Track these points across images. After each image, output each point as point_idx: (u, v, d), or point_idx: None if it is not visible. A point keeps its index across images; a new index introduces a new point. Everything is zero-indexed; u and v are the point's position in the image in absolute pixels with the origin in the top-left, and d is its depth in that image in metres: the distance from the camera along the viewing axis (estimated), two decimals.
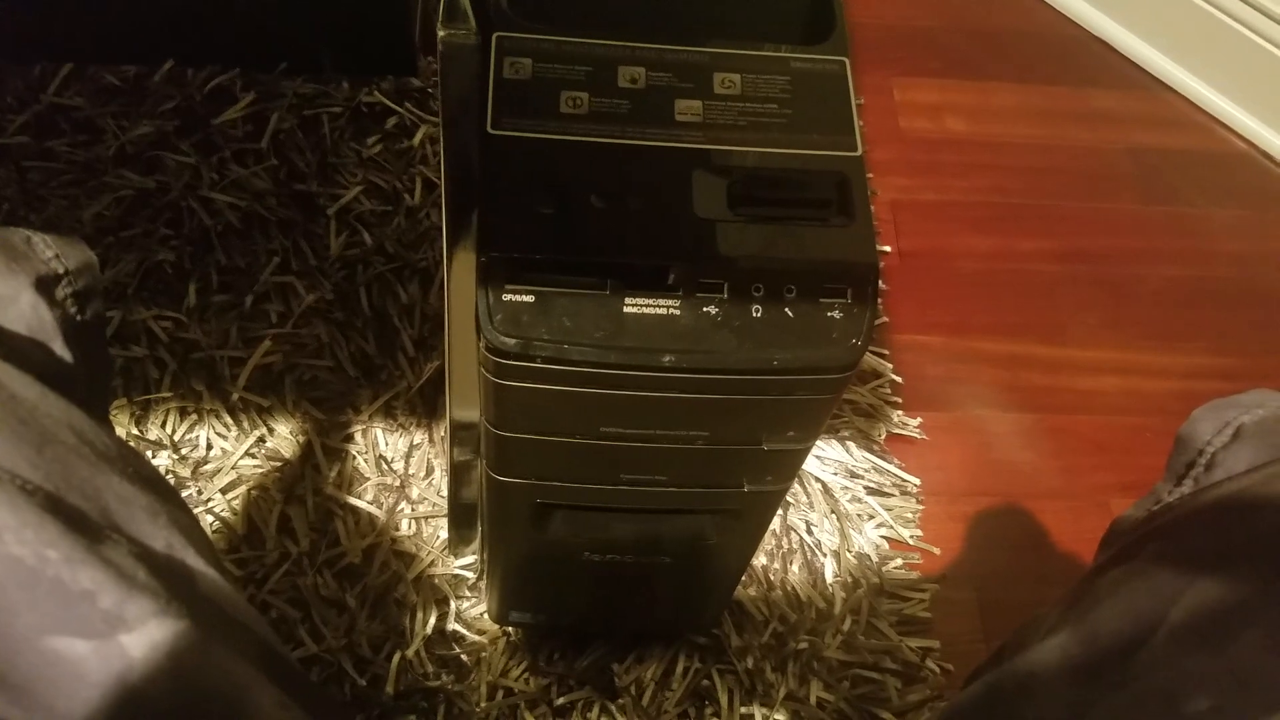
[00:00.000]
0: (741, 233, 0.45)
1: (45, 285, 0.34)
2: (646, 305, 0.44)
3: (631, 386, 0.46)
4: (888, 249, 0.99)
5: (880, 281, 0.45)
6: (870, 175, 1.03)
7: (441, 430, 0.82)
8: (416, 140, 0.95)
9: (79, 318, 0.36)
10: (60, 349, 0.34)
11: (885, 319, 0.94)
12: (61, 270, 0.36)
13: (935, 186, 1.05)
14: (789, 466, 0.55)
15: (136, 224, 0.88)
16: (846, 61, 0.51)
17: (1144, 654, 0.30)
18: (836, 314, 0.44)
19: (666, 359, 0.44)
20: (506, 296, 0.44)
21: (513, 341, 0.44)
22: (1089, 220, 1.06)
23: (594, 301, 0.44)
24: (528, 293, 0.44)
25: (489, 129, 0.47)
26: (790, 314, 0.44)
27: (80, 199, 0.89)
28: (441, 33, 0.51)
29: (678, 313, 0.44)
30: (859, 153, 0.48)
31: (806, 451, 0.54)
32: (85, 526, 0.26)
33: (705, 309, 0.44)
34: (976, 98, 1.12)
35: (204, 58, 0.97)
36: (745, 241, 0.45)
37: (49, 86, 0.94)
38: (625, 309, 0.44)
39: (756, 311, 0.44)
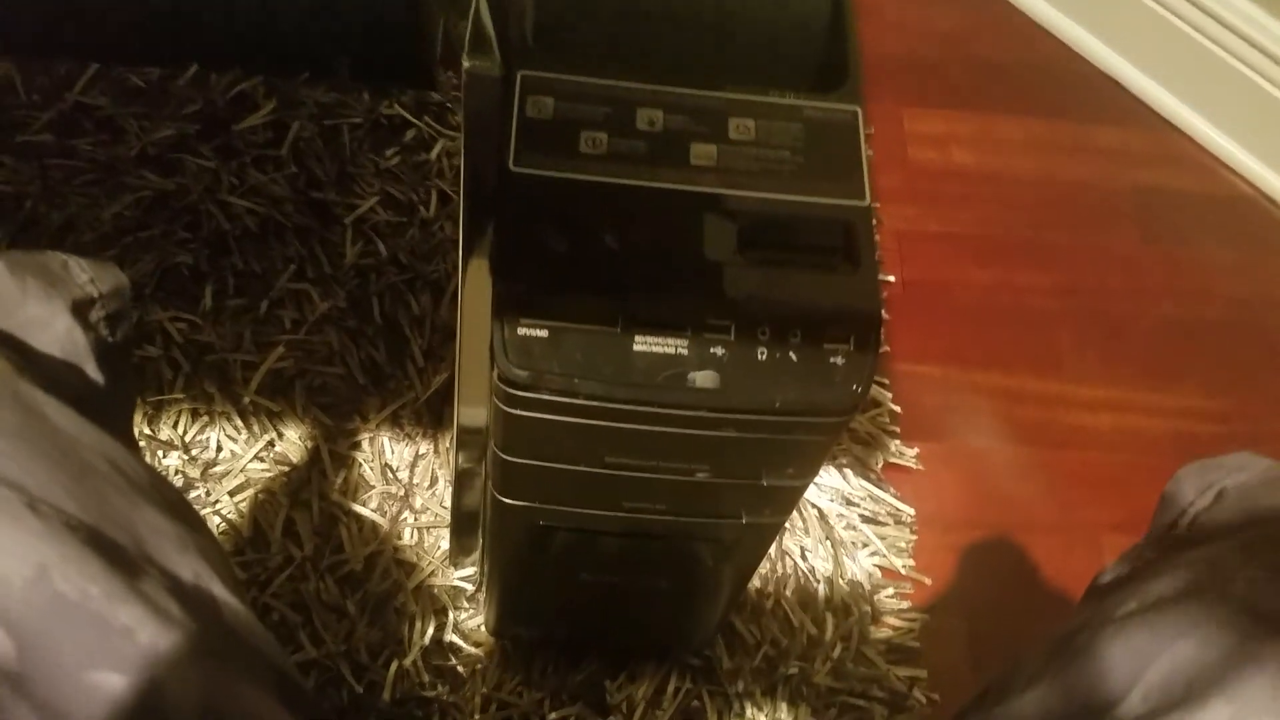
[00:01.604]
0: (749, 276, 0.47)
1: (80, 309, 0.36)
2: (655, 344, 0.46)
3: (637, 421, 0.48)
4: (891, 278, 1.01)
5: (883, 311, 0.47)
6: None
7: (446, 441, 0.84)
8: (434, 154, 0.97)
9: (110, 339, 0.37)
10: (93, 371, 0.36)
11: (886, 348, 0.96)
12: (95, 294, 0.37)
13: (939, 217, 1.06)
14: (787, 501, 0.57)
15: (155, 225, 0.90)
16: (859, 111, 0.52)
17: (1120, 713, 0.32)
18: (839, 360, 0.46)
19: (673, 396, 0.46)
20: (521, 330, 0.46)
21: (525, 374, 0.46)
22: (1089, 256, 1.07)
23: (605, 338, 0.46)
24: (541, 327, 0.46)
25: (511, 167, 0.49)
26: (794, 358, 0.46)
27: (101, 198, 0.91)
28: (466, 63, 0.53)
29: (685, 352, 0.46)
30: (867, 203, 0.50)
31: (804, 487, 0.55)
32: (123, 561, 0.27)
33: (712, 349, 0.46)
34: (983, 129, 1.13)
35: (228, 63, 0.99)
36: (753, 285, 0.47)
37: (74, 85, 0.95)
38: (635, 347, 0.46)
39: (761, 354, 0.46)
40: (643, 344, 0.46)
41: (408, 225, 0.92)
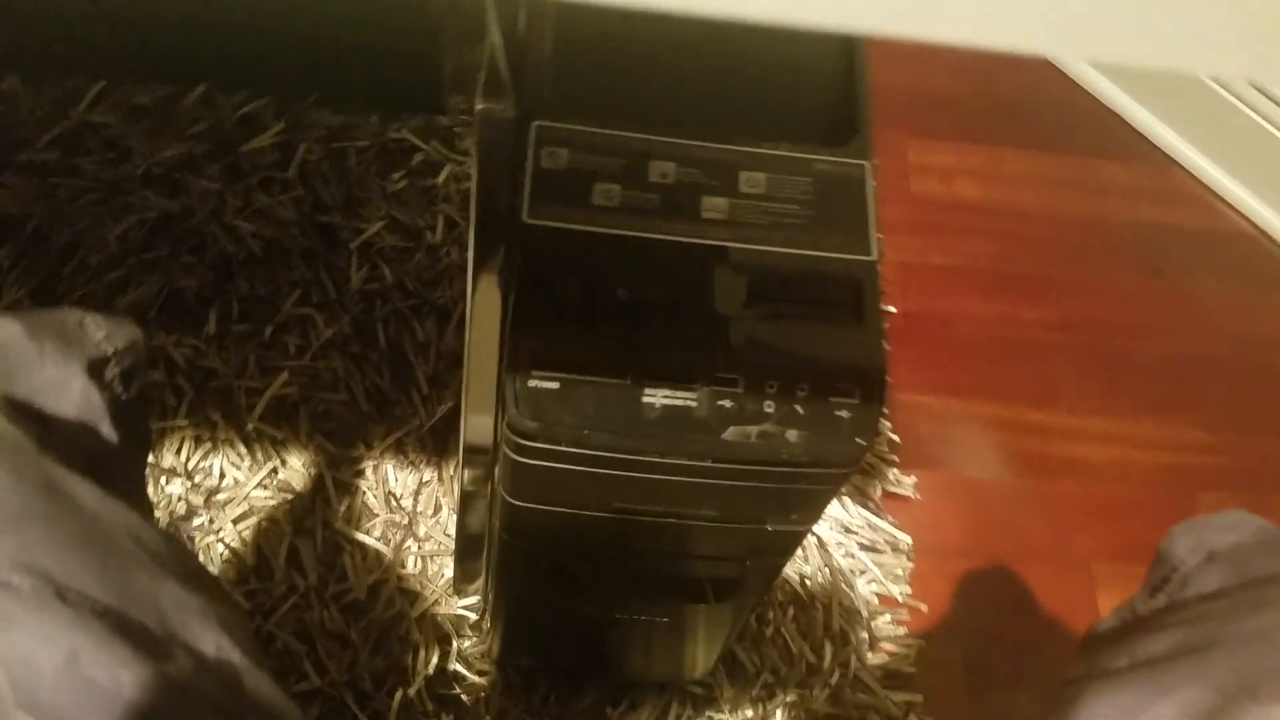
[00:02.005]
0: (758, 329, 0.47)
1: (95, 368, 0.36)
2: (665, 396, 0.46)
3: (646, 470, 0.48)
4: (893, 309, 1.01)
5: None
6: (880, 236, 1.05)
7: (451, 469, 0.84)
8: (441, 179, 0.97)
9: (124, 396, 0.38)
10: (107, 430, 0.36)
11: (887, 378, 0.97)
12: (110, 351, 0.38)
13: (943, 249, 1.07)
14: (790, 544, 0.57)
15: (160, 247, 0.90)
16: (867, 165, 0.53)
17: None
18: (844, 413, 0.46)
19: (682, 447, 0.47)
20: (533, 382, 0.46)
21: (536, 425, 0.46)
22: (1090, 291, 1.08)
23: (615, 390, 0.46)
24: (553, 379, 0.46)
25: (525, 218, 0.49)
26: (801, 410, 0.46)
27: (106, 218, 0.91)
28: (480, 105, 0.53)
29: (695, 404, 0.46)
30: (873, 258, 0.50)
31: (807, 531, 0.56)
32: (151, 642, 0.27)
33: (720, 402, 0.46)
34: (988, 163, 1.14)
35: (236, 83, 0.99)
36: (761, 338, 0.47)
37: (80, 102, 0.95)
38: (644, 399, 0.46)
39: (769, 406, 0.46)
40: (652, 396, 0.46)
41: (414, 250, 0.92)
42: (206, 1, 0.93)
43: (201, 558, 0.78)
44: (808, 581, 0.85)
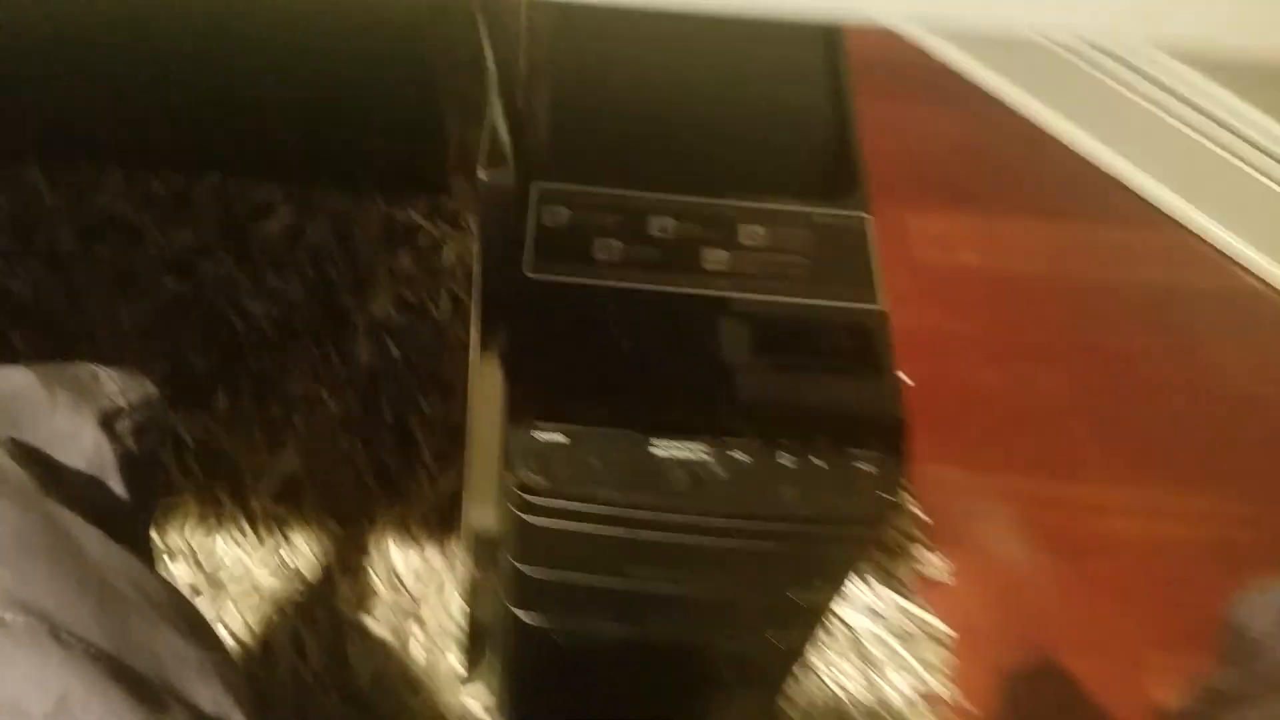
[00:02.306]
0: (769, 380, 0.47)
1: (108, 420, 0.36)
2: (675, 449, 0.45)
3: (659, 528, 0.47)
4: (905, 378, 1.00)
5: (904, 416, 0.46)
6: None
7: (456, 547, 0.82)
8: (446, 256, 0.98)
9: (135, 450, 0.37)
10: (117, 485, 0.35)
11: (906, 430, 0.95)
12: (124, 405, 0.37)
13: (949, 317, 1.07)
14: (813, 616, 0.55)
15: (172, 329, 0.91)
16: (867, 218, 0.53)
17: None
18: (866, 466, 0.45)
19: (693, 503, 0.45)
20: (537, 434, 0.45)
21: (541, 479, 0.45)
22: (1104, 355, 1.07)
23: (623, 443, 0.45)
24: (558, 431, 0.45)
25: (527, 273, 0.49)
26: (819, 464, 0.45)
27: (119, 302, 0.91)
28: (482, 174, 0.54)
29: (706, 457, 0.45)
30: (881, 307, 0.50)
31: (829, 601, 0.54)
32: (147, 693, 0.26)
33: (733, 454, 0.45)
34: (989, 230, 1.15)
35: (248, 170, 1.01)
36: (771, 389, 0.46)
37: (98, 191, 0.97)
38: (653, 451, 0.45)
39: (785, 460, 0.45)
40: (662, 449, 0.45)
41: (420, 326, 0.93)
42: (220, 93, 0.95)
43: None
44: (836, 669, 0.81)
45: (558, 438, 0.45)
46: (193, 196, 0.99)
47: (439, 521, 0.83)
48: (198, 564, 0.79)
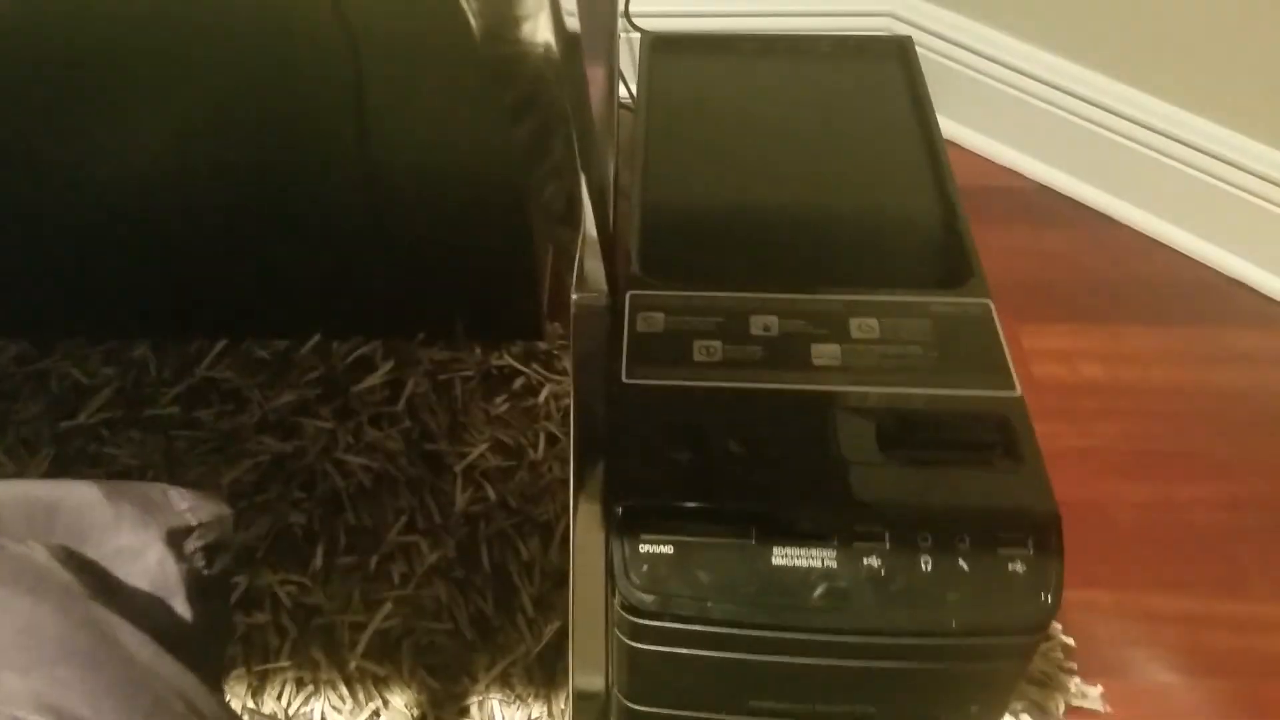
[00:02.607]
0: (898, 477, 0.42)
1: (175, 538, 0.34)
2: (798, 556, 0.41)
3: (783, 651, 0.42)
4: None
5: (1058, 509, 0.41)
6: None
7: (562, 702, 0.77)
8: (541, 398, 0.96)
9: (205, 571, 0.35)
10: (181, 606, 0.33)
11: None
12: (194, 522, 0.35)
13: (1078, 433, 0.99)
14: None
15: (271, 488, 0.90)
16: (990, 304, 0.49)
17: None
18: (1019, 566, 0.39)
19: (824, 618, 0.40)
20: (643, 548, 0.41)
21: (650, 598, 0.41)
22: (1251, 464, 0.98)
23: (738, 553, 0.41)
24: (666, 543, 0.41)
25: (623, 379, 0.46)
26: (965, 567, 0.40)
27: (220, 465, 0.92)
28: (575, 296, 0.52)
29: (834, 565, 0.41)
30: (1018, 393, 0.45)
31: None
32: None
33: (865, 560, 0.40)
34: (1109, 343, 1.08)
35: (349, 330, 1.03)
36: (903, 486, 0.42)
37: (203, 361, 1.00)
38: (774, 561, 0.41)
39: (925, 564, 0.40)
40: (783, 557, 0.41)
41: (517, 469, 0.90)
42: (318, 256, 0.98)
43: None
44: None
45: (665, 550, 0.41)
46: (294, 359, 1.01)
47: (541, 672, 0.77)
48: None
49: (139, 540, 0.32)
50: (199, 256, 0.97)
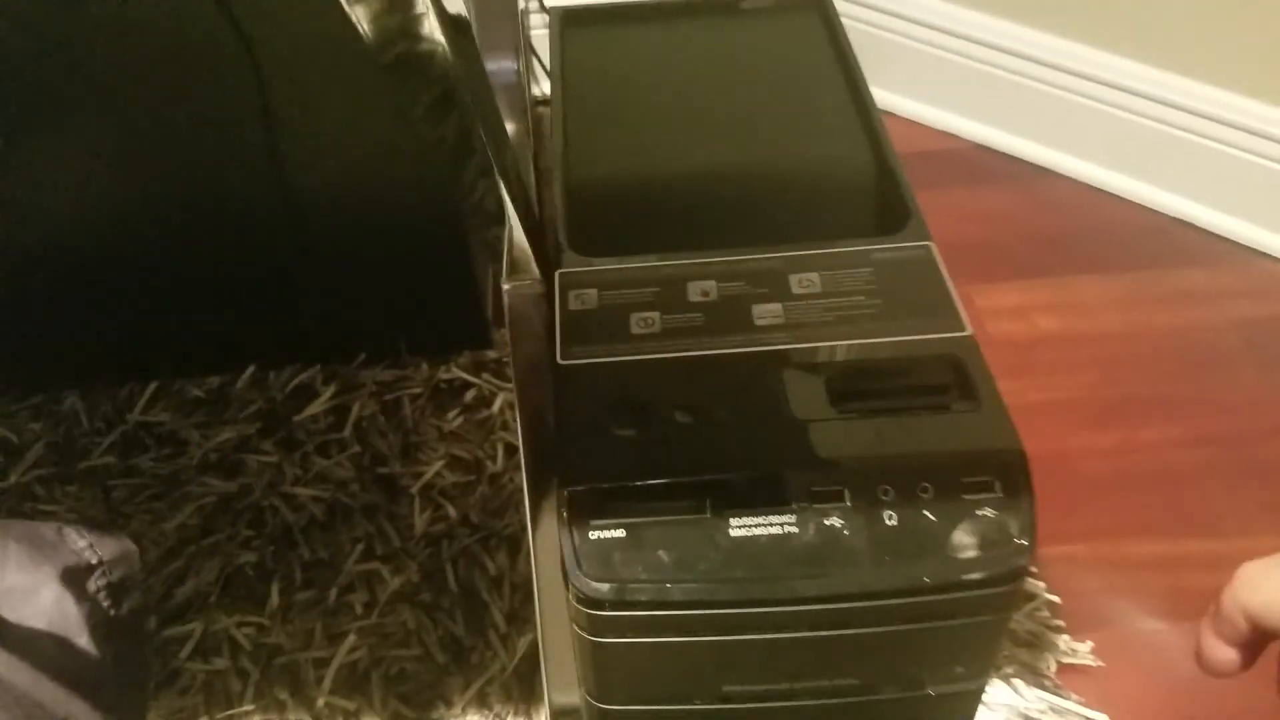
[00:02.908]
0: (852, 431, 0.40)
1: (74, 577, 0.31)
2: (757, 525, 0.38)
3: (753, 628, 0.39)
4: None
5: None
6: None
7: (542, 715, 0.74)
8: (495, 408, 0.93)
9: (113, 612, 0.32)
10: (86, 644, 0.30)
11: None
12: (95, 560, 0.32)
13: (1038, 386, 0.98)
14: (961, 714, 0.46)
15: (219, 529, 0.86)
16: (931, 245, 0.47)
17: None
18: (988, 511, 0.37)
19: (789, 588, 0.38)
20: (594, 534, 0.39)
21: (606, 587, 0.38)
22: (1212, 401, 0.97)
23: (694, 528, 0.38)
24: (617, 527, 0.39)
25: (559, 360, 0.44)
26: (931, 517, 0.37)
27: (164, 511, 0.88)
28: (506, 286, 0.50)
29: (795, 529, 0.38)
30: (968, 332, 0.43)
31: (980, 690, 0.45)
32: None
33: (827, 521, 0.38)
34: (1061, 295, 1.08)
35: (284, 359, 0.99)
36: (858, 440, 0.40)
37: (135, 405, 0.96)
38: (732, 532, 0.38)
39: (890, 518, 0.38)
40: (741, 528, 0.38)
41: (476, 483, 0.87)
42: (244, 289, 0.95)
43: None
44: None
45: (617, 534, 0.39)
46: (230, 394, 0.97)
47: (520, 687, 0.74)
48: None
49: (30, 580, 0.30)
50: (119, 298, 0.93)
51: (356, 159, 0.87)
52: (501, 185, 0.49)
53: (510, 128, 0.56)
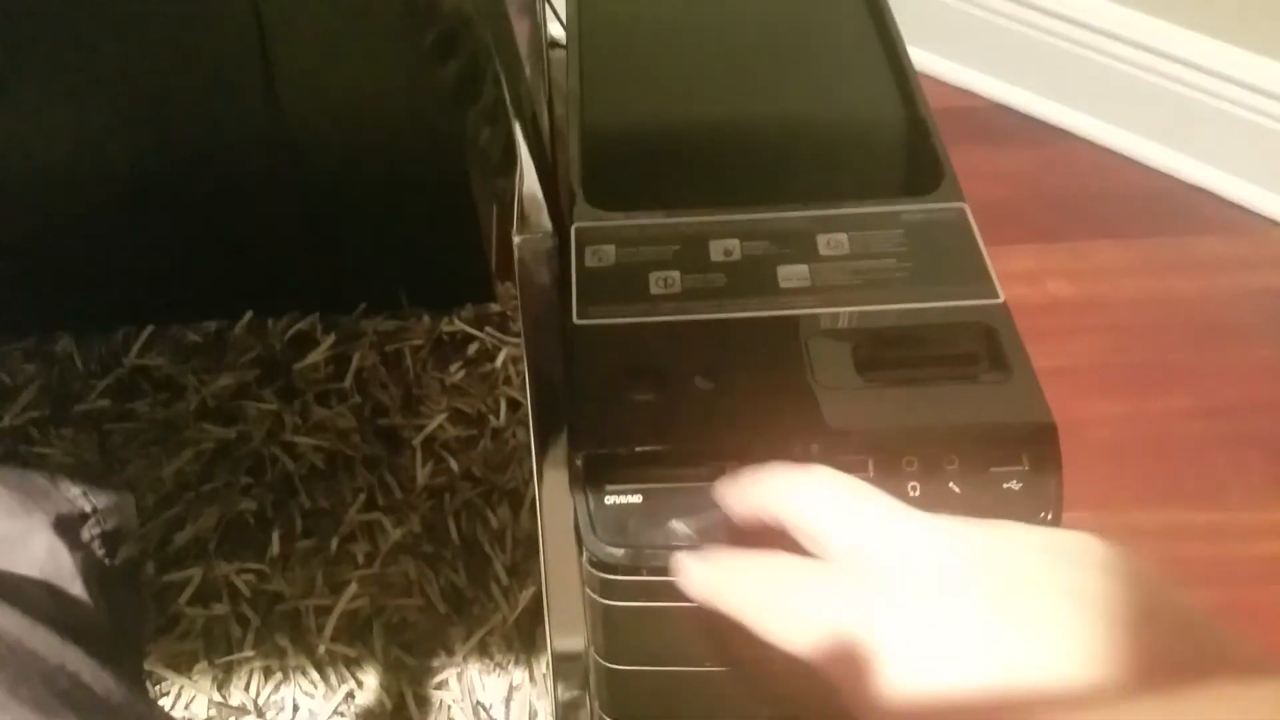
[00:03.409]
0: (878, 400, 0.39)
1: (67, 525, 0.30)
2: None
3: None
4: None
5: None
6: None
7: (543, 666, 0.73)
8: (499, 362, 0.92)
9: (108, 561, 0.31)
10: (80, 593, 0.29)
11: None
12: (88, 509, 0.31)
13: (1049, 353, 0.96)
14: None
15: (218, 476, 0.86)
16: (965, 207, 0.46)
17: None
18: (1014, 485, 0.36)
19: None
20: (609, 499, 0.38)
21: (620, 552, 0.37)
22: (1222, 372, 0.96)
23: (709, 496, 0.37)
24: (633, 492, 0.38)
25: (574, 320, 0.42)
26: (956, 490, 0.36)
27: (161, 457, 0.87)
28: (517, 239, 0.48)
29: None
30: (1001, 299, 0.42)
31: None
32: None
33: None
34: (1074, 260, 1.06)
35: (284, 305, 0.97)
36: (884, 410, 0.38)
37: (130, 349, 0.94)
38: None
39: (913, 490, 0.37)
40: None
41: (478, 437, 0.86)
42: (241, 231, 0.93)
43: None
44: None
45: (633, 499, 0.37)
46: (228, 340, 0.96)
47: (520, 639, 0.74)
48: None
49: (21, 527, 0.29)
50: (113, 239, 0.91)
51: (357, 101, 0.85)
52: (517, 130, 0.47)
53: (525, 71, 0.54)
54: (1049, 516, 0.36)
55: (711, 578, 0.33)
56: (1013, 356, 0.40)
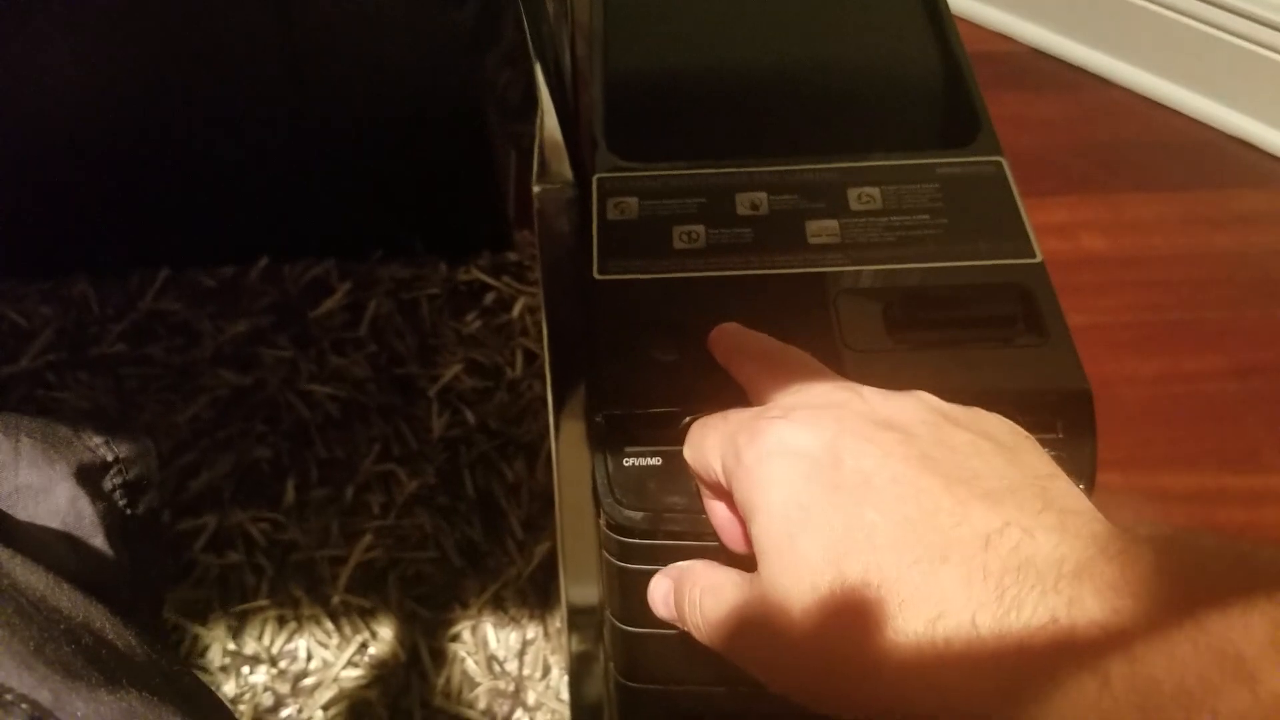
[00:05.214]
0: (908, 363, 0.37)
1: (89, 474, 0.29)
2: None
3: None
4: None
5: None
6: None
7: (557, 621, 0.73)
8: (515, 313, 0.91)
9: (129, 511, 0.30)
10: (101, 544, 0.28)
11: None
12: (110, 458, 0.30)
13: (1082, 308, 0.95)
14: None
15: (233, 423, 0.85)
16: (1003, 161, 0.44)
17: None
18: (1049, 452, 0.35)
19: None
20: (628, 461, 0.36)
21: (639, 515, 0.36)
22: (1260, 331, 0.94)
23: None
24: (653, 454, 0.36)
25: (595, 275, 0.41)
26: None
27: (176, 403, 0.86)
28: (536, 188, 0.46)
29: None
30: (1039, 259, 0.40)
31: None
32: None
33: None
34: (1110, 213, 1.03)
35: (299, 251, 0.96)
36: (914, 373, 0.37)
37: (146, 294, 0.93)
38: None
39: None
40: None
41: (495, 389, 0.85)
42: (257, 176, 0.91)
43: None
44: None
45: (653, 461, 0.36)
46: (244, 285, 0.95)
47: (535, 593, 0.74)
48: (280, 671, 0.72)
49: (43, 478, 0.28)
50: (129, 183, 0.90)
51: (373, 43, 0.82)
52: (538, 72, 0.45)
53: (548, 10, 0.52)
54: (1083, 486, 0.35)
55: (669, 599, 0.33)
56: (1050, 320, 0.38)
